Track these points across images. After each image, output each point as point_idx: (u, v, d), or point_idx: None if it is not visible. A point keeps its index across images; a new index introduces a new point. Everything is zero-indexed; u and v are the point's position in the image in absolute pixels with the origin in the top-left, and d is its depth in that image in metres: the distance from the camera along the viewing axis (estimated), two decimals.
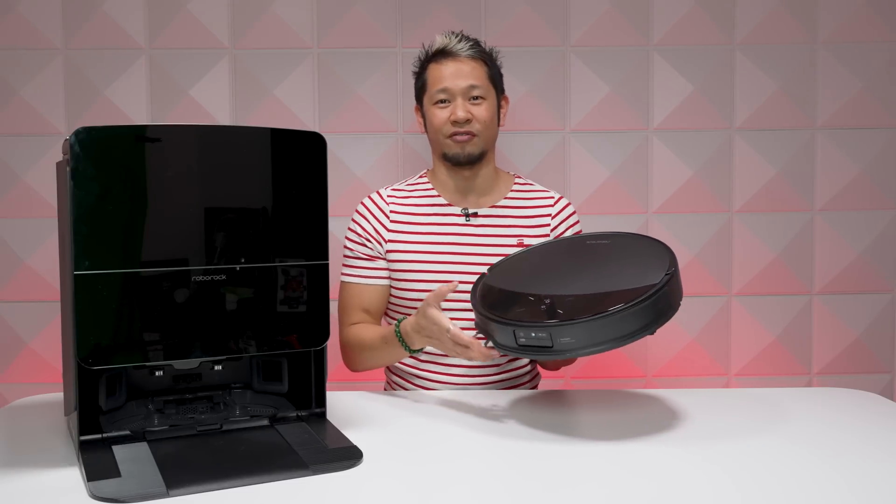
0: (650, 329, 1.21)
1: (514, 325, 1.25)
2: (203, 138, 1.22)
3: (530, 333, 1.23)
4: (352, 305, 1.68)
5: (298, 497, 1.04)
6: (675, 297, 1.26)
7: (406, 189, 1.73)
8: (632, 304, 1.18)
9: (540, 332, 1.21)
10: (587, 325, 1.19)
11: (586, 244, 1.44)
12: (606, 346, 1.20)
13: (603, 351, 1.21)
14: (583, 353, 1.22)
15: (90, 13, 2.03)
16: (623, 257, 1.36)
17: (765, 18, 2.10)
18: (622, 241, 1.42)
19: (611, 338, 1.20)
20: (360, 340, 1.62)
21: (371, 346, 1.60)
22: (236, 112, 2.07)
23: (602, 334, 1.20)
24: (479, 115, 1.63)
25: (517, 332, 1.24)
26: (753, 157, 2.12)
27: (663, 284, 1.21)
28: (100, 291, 1.13)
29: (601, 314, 1.19)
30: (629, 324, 1.20)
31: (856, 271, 2.15)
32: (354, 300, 1.68)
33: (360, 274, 1.68)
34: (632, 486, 1.06)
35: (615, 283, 1.26)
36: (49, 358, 2.07)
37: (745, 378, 2.17)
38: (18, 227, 2.06)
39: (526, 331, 1.23)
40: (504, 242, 1.67)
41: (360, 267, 1.68)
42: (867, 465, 1.13)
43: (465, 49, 1.65)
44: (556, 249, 1.49)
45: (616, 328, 1.19)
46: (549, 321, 1.22)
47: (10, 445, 1.25)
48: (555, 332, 1.20)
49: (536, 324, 1.22)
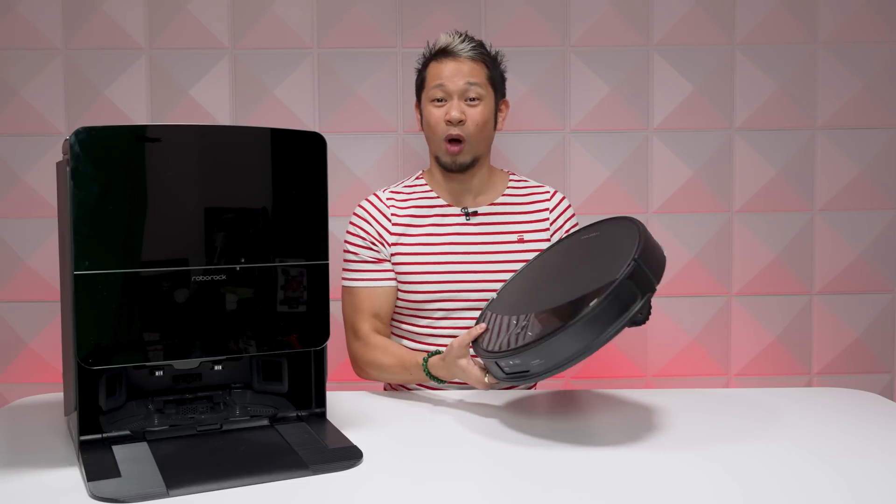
0: (623, 320, 1.16)
1: (494, 356, 1.26)
2: (203, 138, 1.22)
3: (508, 362, 1.23)
4: (361, 311, 1.65)
5: (298, 497, 1.04)
6: (643, 281, 1.19)
7: (404, 191, 1.72)
8: (579, 319, 1.14)
9: (513, 359, 1.21)
10: (548, 346, 1.17)
11: (581, 240, 1.44)
12: (580, 356, 1.17)
13: (583, 359, 1.18)
14: (567, 367, 1.19)
15: (90, 13, 2.03)
16: (604, 250, 1.32)
17: (765, 18, 2.10)
18: (609, 230, 1.38)
19: (580, 348, 1.16)
20: (378, 364, 1.60)
21: (389, 371, 1.59)
22: (236, 112, 2.07)
23: (568, 349, 1.17)
24: (473, 116, 1.63)
25: (499, 363, 1.26)
26: (753, 157, 2.12)
27: (618, 281, 1.16)
28: (100, 291, 1.12)
29: (555, 332, 1.16)
30: (593, 329, 1.15)
31: (856, 271, 2.15)
32: (364, 304, 1.65)
33: (367, 277, 1.66)
34: (631, 486, 1.06)
35: (587, 284, 1.22)
36: (49, 358, 2.07)
37: (745, 378, 2.17)
38: (18, 227, 2.06)
39: (504, 360, 1.24)
40: (505, 239, 1.67)
41: (366, 270, 1.66)
42: (867, 465, 1.13)
43: (466, 50, 1.65)
44: (554, 255, 1.49)
45: (580, 338, 1.16)
46: (517, 347, 1.21)
47: (10, 445, 1.25)
48: (524, 357, 1.20)
49: (507, 352, 1.23)
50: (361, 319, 1.64)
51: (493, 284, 1.65)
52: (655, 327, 2.14)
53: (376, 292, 1.65)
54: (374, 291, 1.65)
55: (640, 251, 1.20)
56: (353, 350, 1.66)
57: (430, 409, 1.45)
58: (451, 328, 1.65)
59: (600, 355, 2.09)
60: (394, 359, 1.58)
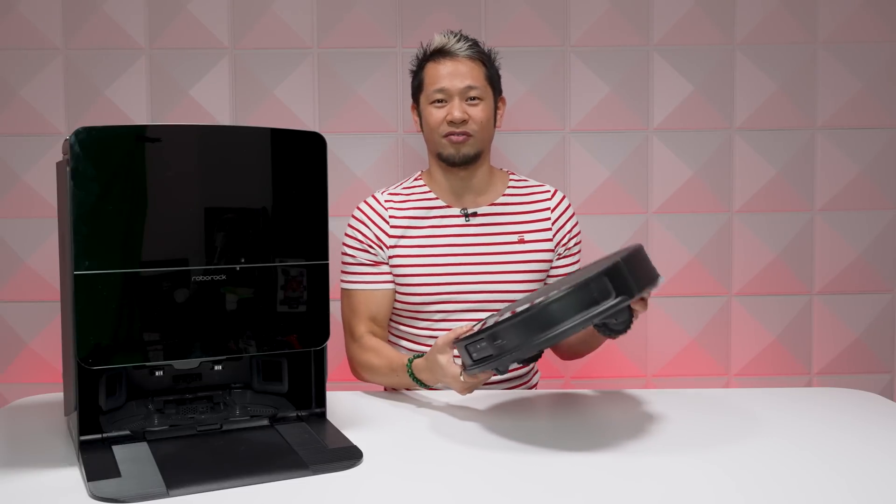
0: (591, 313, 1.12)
1: (464, 341, 1.24)
2: (203, 138, 1.22)
3: (476, 346, 1.21)
4: (358, 313, 1.65)
5: (298, 497, 1.04)
6: (621, 282, 1.15)
7: (403, 193, 1.71)
8: (544, 301, 1.13)
9: (479, 342, 1.20)
10: (512, 328, 1.15)
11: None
12: (543, 342, 1.13)
13: (546, 346, 1.16)
14: (528, 353, 1.18)
15: (90, 13, 2.03)
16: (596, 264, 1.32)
17: (765, 18, 2.10)
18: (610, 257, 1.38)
19: (543, 333, 1.13)
20: (370, 365, 1.60)
21: (379, 372, 1.58)
22: (236, 112, 2.07)
23: (530, 332, 1.14)
24: (476, 115, 1.63)
25: (468, 347, 1.23)
26: (753, 157, 2.12)
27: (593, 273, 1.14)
28: (100, 291, 1.13)
29: (520, 314, 1.15)
30: (557, 315, 1.12)
31: (856, 271, 2.15)
32: (361, 307, 1.65)
33: (364, 280, 1.66)
34: (631, 486, 1.06)
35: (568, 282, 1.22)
36: (49, 358, 2.07)
37: (745, 378, 2.17)
38: (18, 227, 2.06)
39: (473, 344, 1.22)
40: (505, 240, 1.67)
41: (364, 273, 1.66)
42: (867, 465, 1.13)
43: (463, 49, 1.65)
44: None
45: (543, 322, 1.13)
46: (483, 329, 1.21)
47: (10, 445, 1.25)
48: (489, 339, 1.18)
49: (475, 335, 1.22)
50: (358, 322, 1.65)
51: (493, 286, 1.65)
52: (655, 327, 2.14)
53: (373, 295, 1.65)
54: (371, 294, 1.65)
55: (628, 257, 1.19)
56: (348, 351, 1.67)
57: (430, 409, 1.45)
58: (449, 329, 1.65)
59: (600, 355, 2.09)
60: (384, 360, 1.57)
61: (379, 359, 1.58)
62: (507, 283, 1.66)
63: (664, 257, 2.12)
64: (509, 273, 1.66)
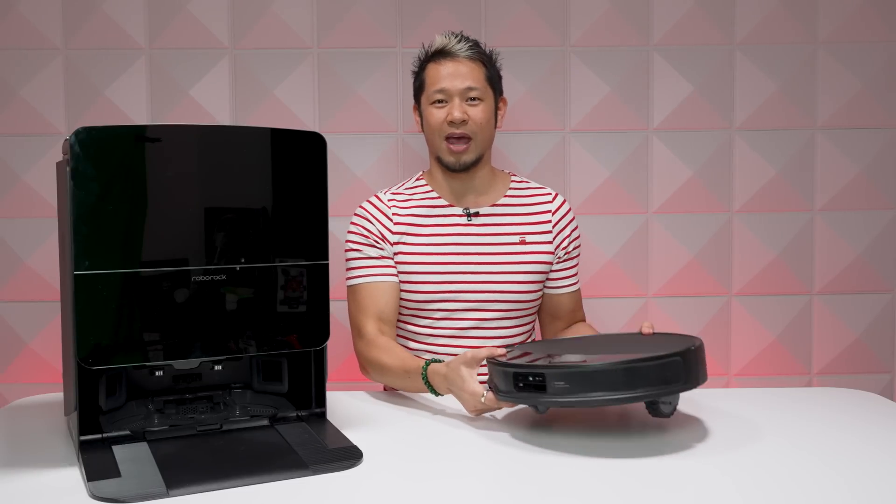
0: (647, 393, 1.16)
1: (515, 367, 1.23)
2: (203, 138, 1.22)
3: (528, 376, 1.20)
4: (365, 309, 1.62)
5: (298, 497, 1.04)
6: (692, 370, 1.20)
7: (405, 192, 1.72)
8: (624, 362, 1.15)
9: (537, 373, 1.20)
10: (581, 373, 1.16)
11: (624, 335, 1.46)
12: (602, 400, 1.16)
13: (600, 405, 1.18)
14: (576, 403, 1.18)
15: (90, 13, 2.03)
16: (658, 339, 1.35)
17: (765, 18, 2.10)
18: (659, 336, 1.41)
19: (608, 391, 1.15)
20: (380, 364, 1.56)
21: (391, 373, 1.54)
22: (236, 112, 2.07)
23: (597, 384, 1.16)
24: (476, 116, 1.63)
25: (518, 373, 1.22)
26: (753, 157, 2.12)
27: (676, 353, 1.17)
28: (100, 291, 1.12)
29: (594, 363, 1.17)
30: (630, 379, 1.15)
31: (856, 271, 2.15)
32: (368, 302, 1.63)
33: (371, 273, 1.65)
34: (630, 486, 1.06)
35: (637, 349, 1.24)
36: (49, 358, 2.07)
37: (745, 378, 2.17)
38: (18, 227, 2.06)
39: (525, 371, 1.21)
40: (507, 241, 1.67)
41: (370, 266, 1.65)
42: (867, 465, 1.13)
43: (463, 50, 1.65)
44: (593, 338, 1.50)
45: (614, 381, 1.15)
46: (549, 364, 1.20)
47: (10, 445, 1.25)
48: (550, 375, 1.18)
49: (534, 365, 1.21)
50: (366, 319, 1.62)
51: (494, 285, 1.65)
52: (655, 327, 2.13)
53: (379, 288, 1.64)
54: (378, 287, 1.64)
55: (701, 346, 1.24)
56: (357, 349, 1.64)
57: (430, 409, 1.45)
58: (452, 328, 1.66)
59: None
60: (397, 361, 1.52)
61: (391, 358, 1.54)
62: (508, 283, 1.66)
63: (664, 257, 2.12)
64: (510, 273, 1.66)
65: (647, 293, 2.13)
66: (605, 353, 1.26)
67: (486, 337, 1.66)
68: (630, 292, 2.13)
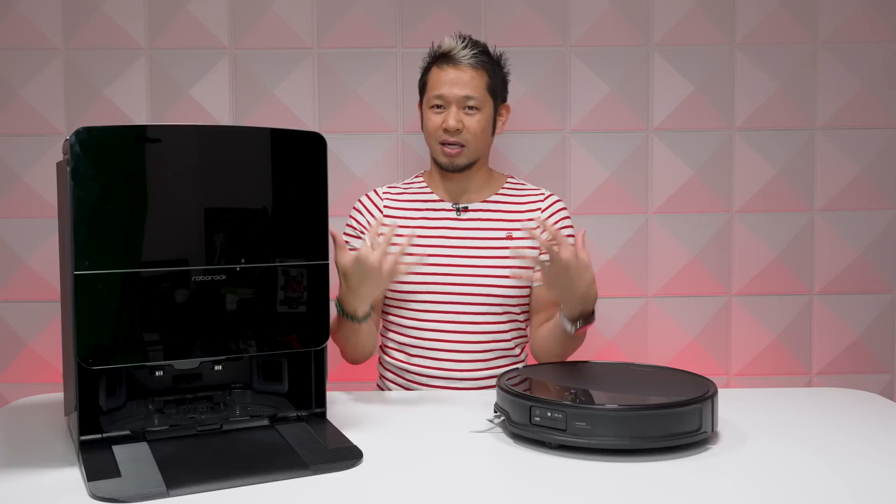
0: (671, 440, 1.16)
1: (533, 401, 1.21)
2: (203, 138, 1.22)
3: (547, 413, 1.19)
4: None
5: (298, 497, 1.04)
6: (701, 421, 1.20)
7: (401, 187, 1.78)
8: (649, 406, 1.16)
9: (556, 412, 1.18)
10: (608, 415, 1.16)
11: (629, 368, 1.45)
12: (616, 442, 1.15)
13: (610, 447, 1.16)
14: (596, 444, 1.16)
15: (90, 13, 2.03)
16: (663, 381, 1.34)
17: (765, 18, 2.10)
18: (663, 372, 1.41)
19: (624, 437, 1.15)
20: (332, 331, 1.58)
21: (335, 333, 1.58)
22: (236, 112, 2.07)
23: (618, 429, 1.15)
24: (471, 126, 1.65)
25: (534, 408, 1.21)
26: (753, 157, 2.12)
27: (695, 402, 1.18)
28: (100, 291, 1.13)
29: (618, 407, 1.16)
30: (649, 426, 1.15)
31: (856, 271, 2.15)
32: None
33: None
34: (629, 486, 1.06)
35: (652, 396, 1.24)
36: (49, 358, 2.07)
37: (745, 378, 2.17)
38: (18, 227, 2.06)
39: (542, 410, 1.20)
40: (493, 236, 1.69)
41: None
42: (867, 465, 1.13)
43: (467, 57, 1.66)
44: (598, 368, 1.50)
45: (635, 427, 1.15)
46: (570, 402, 1.19)
47: (10, 445, 1.25)
48: (572, 415, 1.16)
49: (554, 402, 1.19)
50: None
51: (480, 279, 1.66)
52: (656, 327, 2.14)
53: None
54: None
55: (717, 392, 1.24)
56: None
57: (430, 409, 1.45)
58: (436, 321, 1.67)
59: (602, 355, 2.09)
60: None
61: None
62: (494, 277, 1.67)
63: (664, 257, 2.12)
64: (496, 268, 1.67)
65: (647, 293, 2.13)
66: (616, 388, 1.28)
67: (472, 332, 1.67)
68: (630, 292, 2.13)
